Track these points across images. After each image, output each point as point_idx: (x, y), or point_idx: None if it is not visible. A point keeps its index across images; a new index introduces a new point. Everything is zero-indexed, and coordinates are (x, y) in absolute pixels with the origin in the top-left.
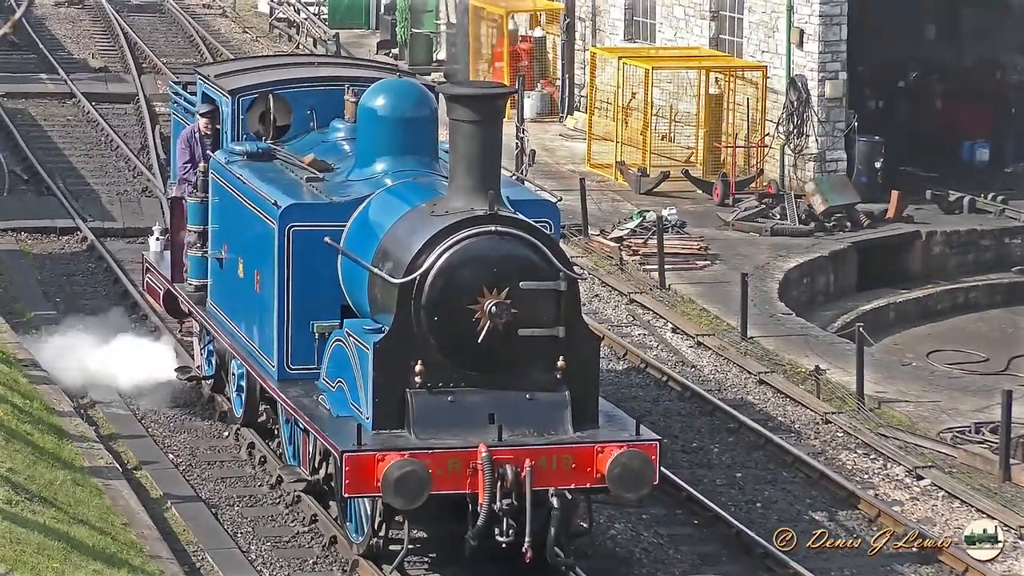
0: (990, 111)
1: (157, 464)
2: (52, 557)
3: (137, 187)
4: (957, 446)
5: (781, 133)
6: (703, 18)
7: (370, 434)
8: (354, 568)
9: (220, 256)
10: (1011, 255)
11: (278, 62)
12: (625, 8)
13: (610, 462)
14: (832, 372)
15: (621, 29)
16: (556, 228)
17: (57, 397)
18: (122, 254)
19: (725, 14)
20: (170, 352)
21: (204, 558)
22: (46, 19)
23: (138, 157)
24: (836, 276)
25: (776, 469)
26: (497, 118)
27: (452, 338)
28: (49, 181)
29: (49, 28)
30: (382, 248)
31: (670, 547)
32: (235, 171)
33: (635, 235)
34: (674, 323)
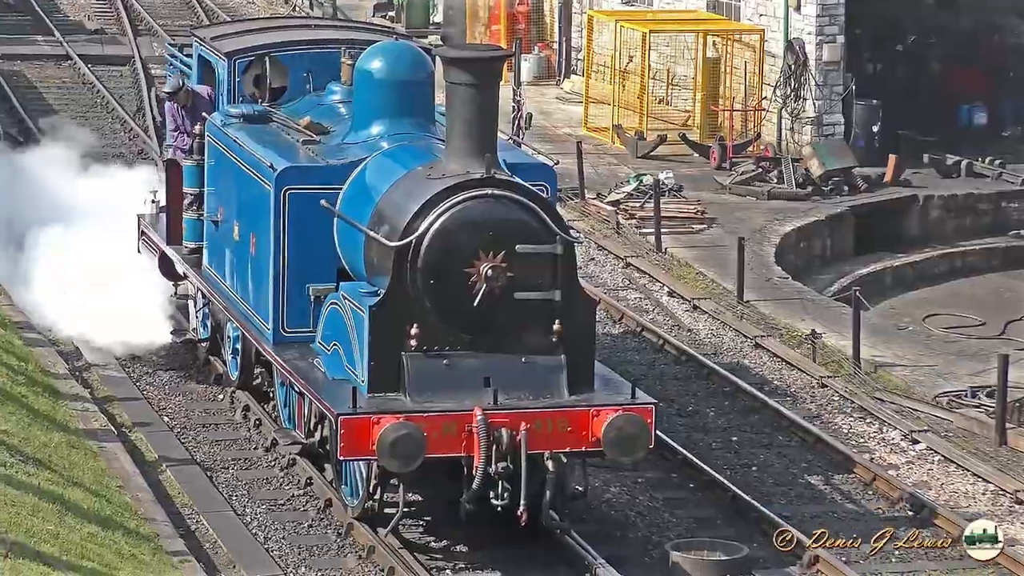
0: (988, 75)
1: (152, 427)
2: (47, 519)
3: (133, 149)
4: (953, 410)
5: (778, 97)
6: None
7: (365, 397)
8: (349, 531)
9: (216, 219)
10: (1008, 219)
11: (274, 25)
12: None
13: (605, 425)
14: (828, 336)
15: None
16: (552, 192)
17: (52, 359)
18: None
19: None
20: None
21: (199, 521)
22: None
23: (134, 120)
24: (833, 240)
25: (772, 433)
26: (494, 81)
27: (448, 301)
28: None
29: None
30: (378, 211)
31: (665, 511)
32: (231, 134)
33: (632, 199)
34: (670, 287)
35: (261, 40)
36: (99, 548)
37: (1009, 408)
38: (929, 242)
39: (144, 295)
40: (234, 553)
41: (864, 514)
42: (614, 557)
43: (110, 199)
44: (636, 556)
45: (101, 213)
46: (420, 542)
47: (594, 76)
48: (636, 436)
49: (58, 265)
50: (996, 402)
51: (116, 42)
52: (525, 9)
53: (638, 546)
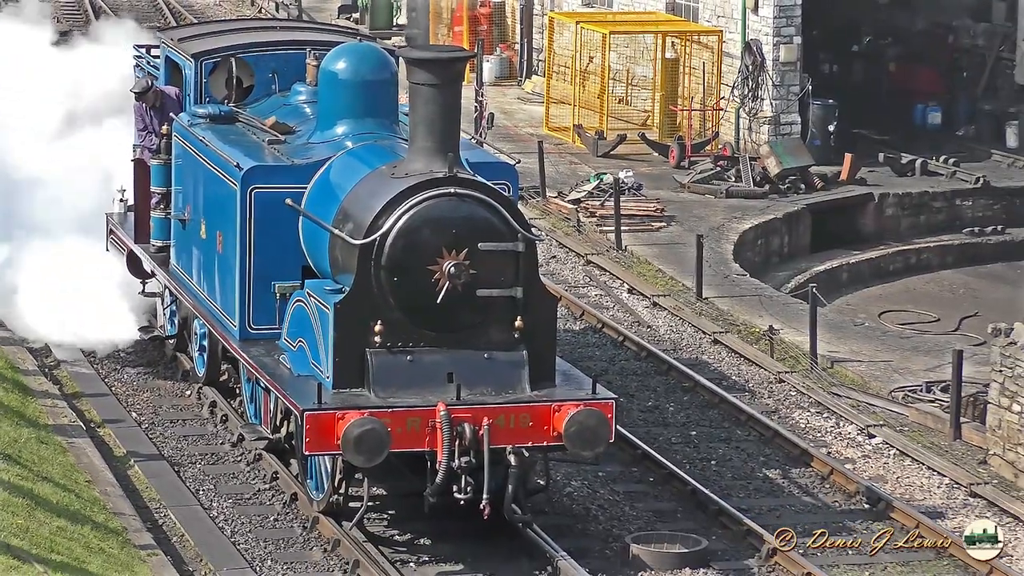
0: (942, 75)
1: (120, 422)
2: (17, 514)
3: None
4: (908, 405)
5: (736, 97)
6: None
7: (330, 393)
8: (315, 525)
9: (183, 217)
10: (962, 217)
11: (241, 26)
12: None
13: (567, 420)
14: (785, 332)
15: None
16: (514, 190)
17: (22, 356)
18: None
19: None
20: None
21: (166, 515)
22: None
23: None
24: (790, 237)
25: (730, 427)
26: (456, 82)
27: (411, 298)
28: None
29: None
30: (343, 210)
31: (626, 504)
32: (197, 133)
33: (592, 197)
34: (630, 284)
35: (227, 42)
36: (68, 542)
37: (963, 403)
38: (884, 239)
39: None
40: (201, 546)
41: (821, 507)
42: (575, 549)
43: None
44: (597, 548)
45: None
46: (384, 535)
47: (555, 76)
48: (597, 430)
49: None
50: (950, 397)
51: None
52: (487, 11)
53: (599, 539)
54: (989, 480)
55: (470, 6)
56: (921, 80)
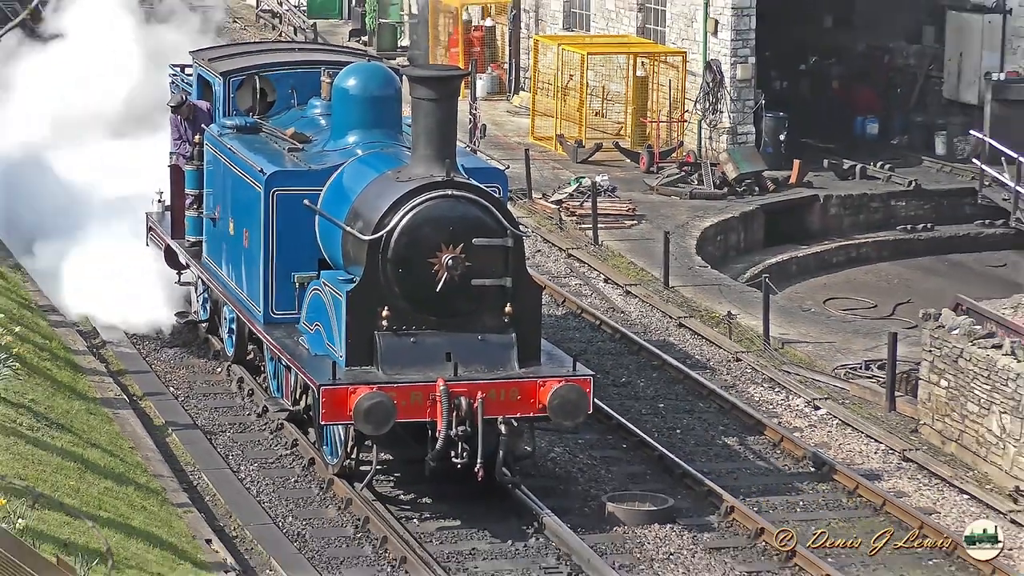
0: (879, 91)
1: (160, 396)
2: (69, 475)
3: None
4: (849, 380)
5: (698, 110)
6: (631, 10)
7: (343, 370)
8: (330, 486)
9: (213, 216)
10: (896, 215)
11: (263, 48)
12: (564, 1)
13: (550, 394)
14: (742, 317)
15: (560, 20)
16: (504, 192)
17: (73, 338)
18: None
19: (650, 6)
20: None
21: (200, 477)
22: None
23: None
24: (746, 234)
25: (693, 400)
26: (453, 97)
27: (414, 287)
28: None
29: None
30: (353, 209)
31: (602, 467)
32: (226, 142)
33: (572, 198)
34: (606, 275)
35: (252, 61)
36: (114, 501)
37: (897, 379)
38: (828, 235)
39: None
40: (230, 504)
41: (773, 471)
42: (558, 508)
43: None
44: (577, 507)
45: None
46: (391, 495)
47: (539, 92)
48: (577, 403)
49: None
50: (886, 374)
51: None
52: (480, 34)
53: (578, 498)
54: (920, 447)
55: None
56: (860, 95)
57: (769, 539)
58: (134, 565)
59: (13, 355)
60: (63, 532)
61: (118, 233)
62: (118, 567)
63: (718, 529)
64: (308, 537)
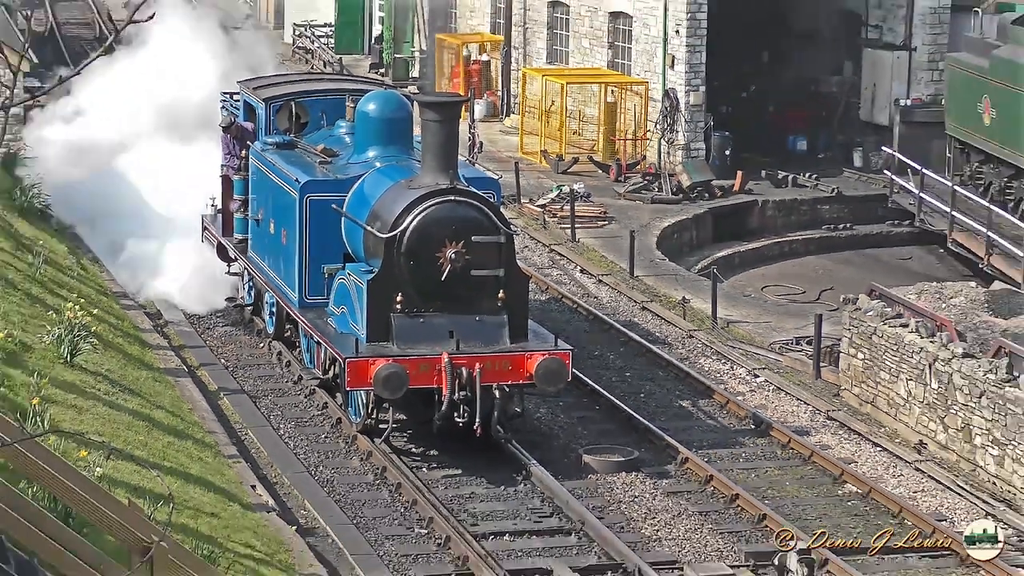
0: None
1: (213, 366)
2: (138, 432)
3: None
4: (783, 354)
5: (658, 129)
6: (603, 47)
7: (365, 345)
8: (353, 441)
9: (257, 218)
10: (821, 217)
11: (298, 78)
12: (547, 40)
13: (536, 365)
14: (694, 301)
15: (544, 55)
16: (497, 197)
17: (141, 319)
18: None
19: (618, 44)
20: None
21: (246, 433)
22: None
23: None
24: (697, 232)
25: (654, 370)
26: (455, 119)
27: (423, 277)
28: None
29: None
30: (373, 212)
31: (579, 426)
32: (268, 156)
33: (554, 203)
34: (582, 266)
35: (289, 89)
36: (176, 453)
37: (822, 352)
38: (765, 233)
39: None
40: (272, 456)
41: (720, 428)
42: (542, 459)
43: None
44: (558, 458)
45: None
46: (404, 449)
47: (527, 115)
48: (558, 372)
49: None
50: (813, 348)
51: None
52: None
53: (559, 451)
54: (841, 408)
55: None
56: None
57: (718, 485)
58: (192, 507)
59: (92, 333)
60: (133, 479)
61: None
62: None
63: (675, 476)
64: (336, 483)
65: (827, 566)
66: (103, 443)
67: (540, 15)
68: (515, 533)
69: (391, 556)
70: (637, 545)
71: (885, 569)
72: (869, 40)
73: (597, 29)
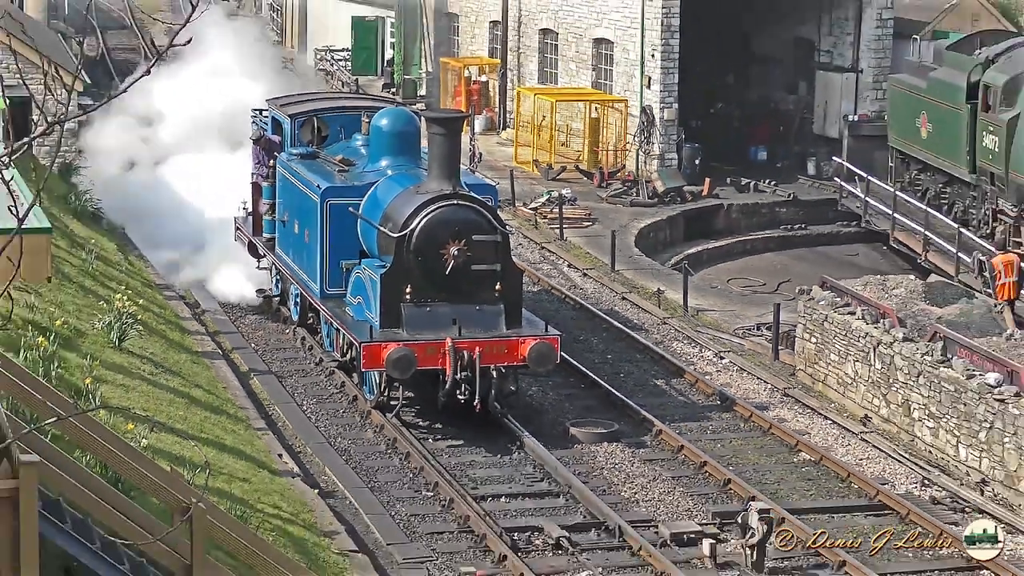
0: (767, 128)
1: (244, 349)
2: (178, 408)
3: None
4: (745, 338)
5: (636, 141)
6: (588, 69)
7: (378, 331)
8: (368, 415)
9: (283, 219)
10: (779, 218)
11: (320, 97)
12: (538, 63)
13: (529, 348)
14: (668, 292)
15: (536, 76)
16: (495, 201)
17: (181, 308)
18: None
19: (602, 67)
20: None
21: (273, 409)
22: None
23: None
24: (671, 231)
25: (632, 353)
26: (458, 132)
27: (429, 271)
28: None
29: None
30: (385, 214)
31: (566, 402)
32: (292, 165)
33: (544, 206)
34: (569, 261)
35: (311, 106)
36: (212, 426)
37: (780, 337)
38: (730, 233)
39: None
40: (296, 428)
41: (690, 403)
42: (534, 431)
43: None
44: (548, 430)
45: None
46: (412, 423)
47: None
48: (548, 355)
49: None
50: (772, 333)
51: None
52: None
53: (549, 424)
54: (796, 386)
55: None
56: (754, 132)
57: (688, 454)
58: (226, 473)
59: (138, 320)
60: (174, 449)
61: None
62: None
63: (650, 446)
64: (352, 452)
65: (783, 524)
66: (147, 417)
67: (532, 41)
68: (510, 496)
69: (401, 515)
70: (617, 506)
71: (835, 526)
72: (821, 64)
73: (582, 53)
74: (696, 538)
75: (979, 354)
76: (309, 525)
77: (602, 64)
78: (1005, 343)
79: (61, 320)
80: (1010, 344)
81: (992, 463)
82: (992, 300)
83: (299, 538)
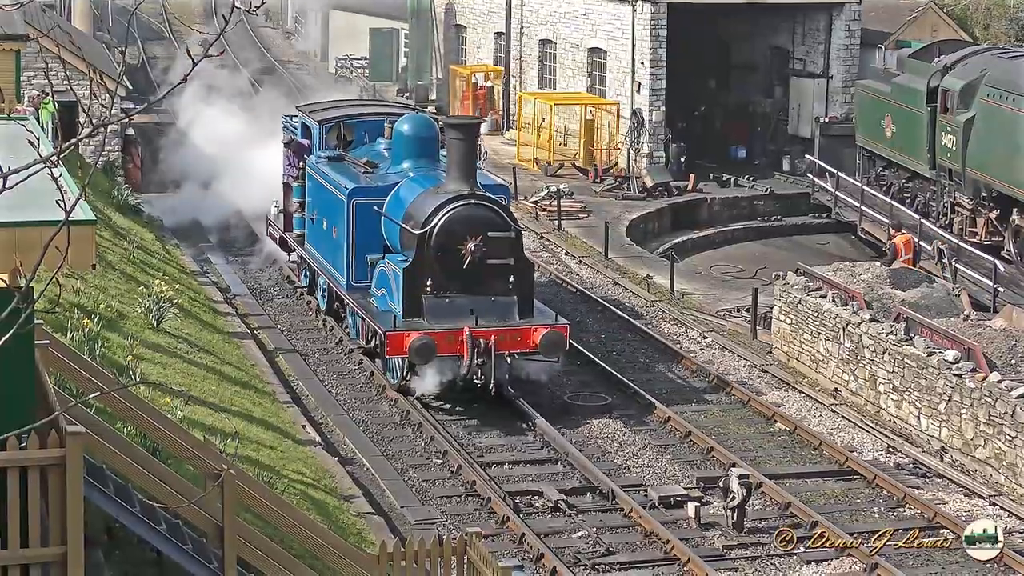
0: (747, 129)
1: (272, 330)
2: (211, 383)
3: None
4: (726, 319)
5: (627, 141)
6: (583, 75)
7: (401, 321)
8: (383, 391)
9: (312, 217)
10: (757, 210)
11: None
12: (538, 70)
13: (541, 336)
14: (656, 277)
15: (536, 82)
16: (507, 200)
17: (213, 292)
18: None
19: (596, 73)
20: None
21: (298, 384)
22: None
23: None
24: (659, 222)
25: (624, 333)
26: (474, 137)
27: (448, 265)
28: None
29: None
30: (408, 213)
31: (564, 377)
32: (321, 167)
33: (544, 200)
34: (566, 250)
35: (338, 113)
36: (241, 400)
37: (758, 318)
38: (713, 224)
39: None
40: (318, 401)
41: (675, 379)
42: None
43: None
44: (547, 403)
45: None
46: (433, 405)
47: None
48: (558, 343)
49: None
50: (751, 314)
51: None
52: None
53: (548, 397)
54: (773, 363)
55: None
56: (734, 132)
57: (675, 424)
58: (254, 442)
59: (175, 304)
60: (207, 420)
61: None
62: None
63: (640, 417)
64: (369, 423)
65: (762, 487)
66: (183, 392)
67: (533, 50)
68: (513, 463)
69: (414, 481)
70: (610, 472)
71: (808, 489)
72: (795, 70)
73: (578, 61)
74: (682, 501)
75: (939, 333)
76: (330, 489)
77: (596, 71)
78: (962, 323)
79: (104, 304)
80: (966, 324)
81: (950, 432)
82: (951, 285)
83: (321, 501)
